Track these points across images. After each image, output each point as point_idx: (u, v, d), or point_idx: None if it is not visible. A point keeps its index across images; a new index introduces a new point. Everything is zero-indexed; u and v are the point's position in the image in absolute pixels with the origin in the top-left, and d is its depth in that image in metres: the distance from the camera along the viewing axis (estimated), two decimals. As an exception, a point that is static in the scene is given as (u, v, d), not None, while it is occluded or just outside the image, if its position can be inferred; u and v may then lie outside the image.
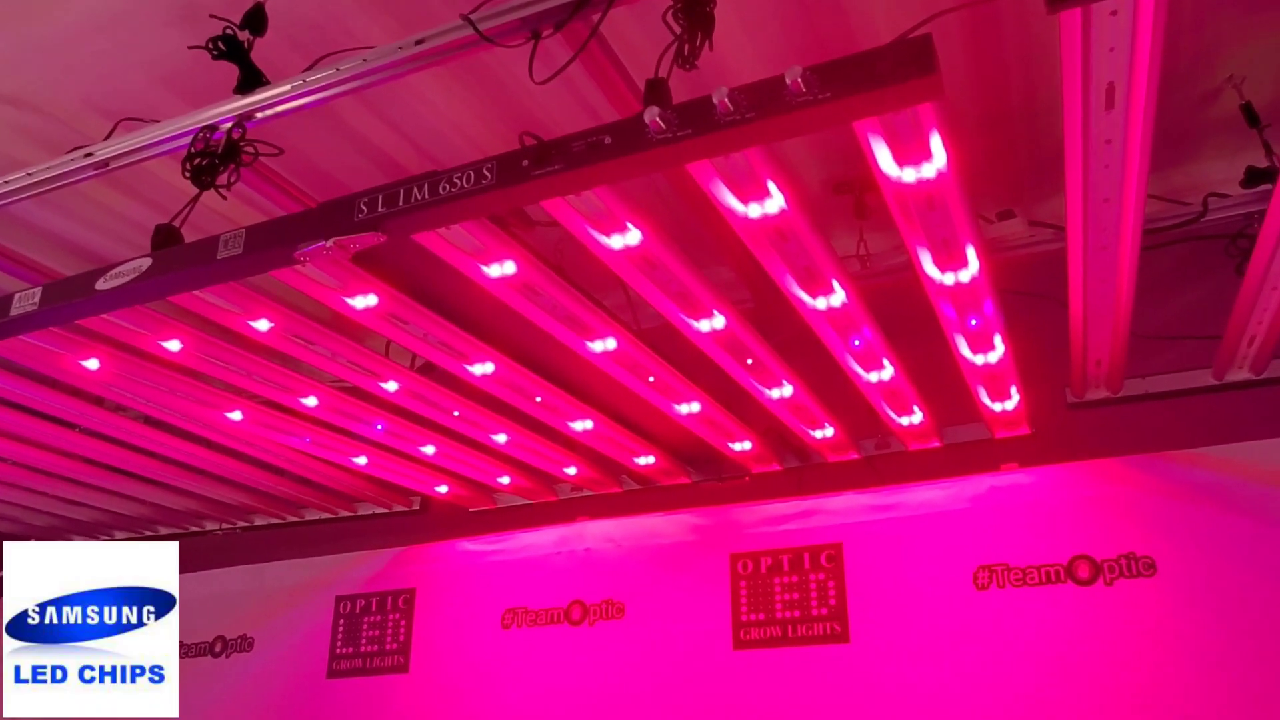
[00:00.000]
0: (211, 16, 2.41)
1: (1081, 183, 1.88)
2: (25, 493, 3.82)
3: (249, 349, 2.36)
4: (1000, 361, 2.52)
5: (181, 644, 3.97)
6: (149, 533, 4.48)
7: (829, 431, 3.07)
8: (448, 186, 1.64)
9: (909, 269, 2.22)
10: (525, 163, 1.59)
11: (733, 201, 1.72)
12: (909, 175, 1.64)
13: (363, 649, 3.69)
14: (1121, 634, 2.70)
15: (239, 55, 2.41)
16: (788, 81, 1.39)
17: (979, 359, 2.50)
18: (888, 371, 2.57)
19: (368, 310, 2.10)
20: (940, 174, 1.63)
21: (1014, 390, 2.78)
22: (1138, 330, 2.72)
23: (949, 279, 2.02)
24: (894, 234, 3.06)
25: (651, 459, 3.31)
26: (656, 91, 1.65)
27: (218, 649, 3.97)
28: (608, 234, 1.84)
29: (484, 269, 1.96)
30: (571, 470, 3.43)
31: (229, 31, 2.40)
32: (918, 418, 2.96)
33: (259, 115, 2.37)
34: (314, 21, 2.61)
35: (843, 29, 2.49)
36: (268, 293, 2.19)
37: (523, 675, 3.39)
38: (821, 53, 1.63)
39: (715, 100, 1.44)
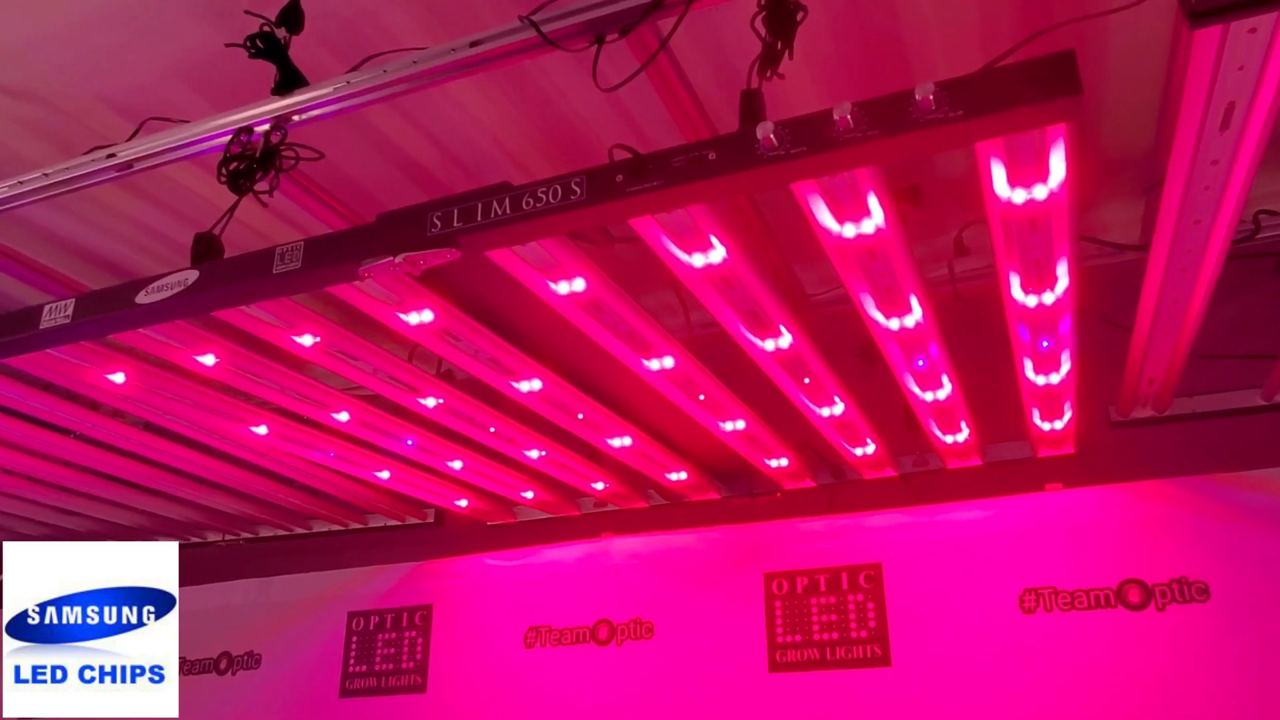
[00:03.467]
0: (246, 13, 2.29)
1: (1179, 202, 1.81)
2: (19, 501, 3.66)
3: (286, 363, 2.24)
4: (1062, 382, 2.45)
5: (184, 660, 3.87)
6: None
7: (870, 448, 2.99)
8: (531, 201, 1.54)
9: (988, 279, 2.12)
10: (619, 178, 1.49)
11: (829, 221, 1.63)
12: (1019, 196, 1.56)
13: (377, 667, 3.56)
14: (1174, 661, 2.64)
15: (277, 54, 2.28)
16: (917, 98, 1.30)
17: (1040, 379, 2.43)
18: (945, 390, 2.50)
19: (421, 326, 1.98)
20: (1051, 194, 1.55)
21: (1067, 409, 2.72)
22: (1192, 350, 2.68)
23: (1032, 301, 1.94)
24: (933, 242, 3.05)
25: (684, 474, 3.21)
26: (753, 104, 1.56)
27: (223, 666, 3.83)
28: (690, 251, 1.75)
29: (552, 285, 1.85)
30: (600, 485, 3.33)
31: (266, 29, 2.28)
32: (964, 435, 2.89)
33: (296, 118, 2.25)
34: (345, 18, 2.49)
35: (901, 65, 2.40)
36: (312, 306, 2.08)
37: (547, 696, 3.28)
38: (875, 88, 1.55)
39: (836, 116, 1.35)
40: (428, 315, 1.94)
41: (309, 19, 2.31)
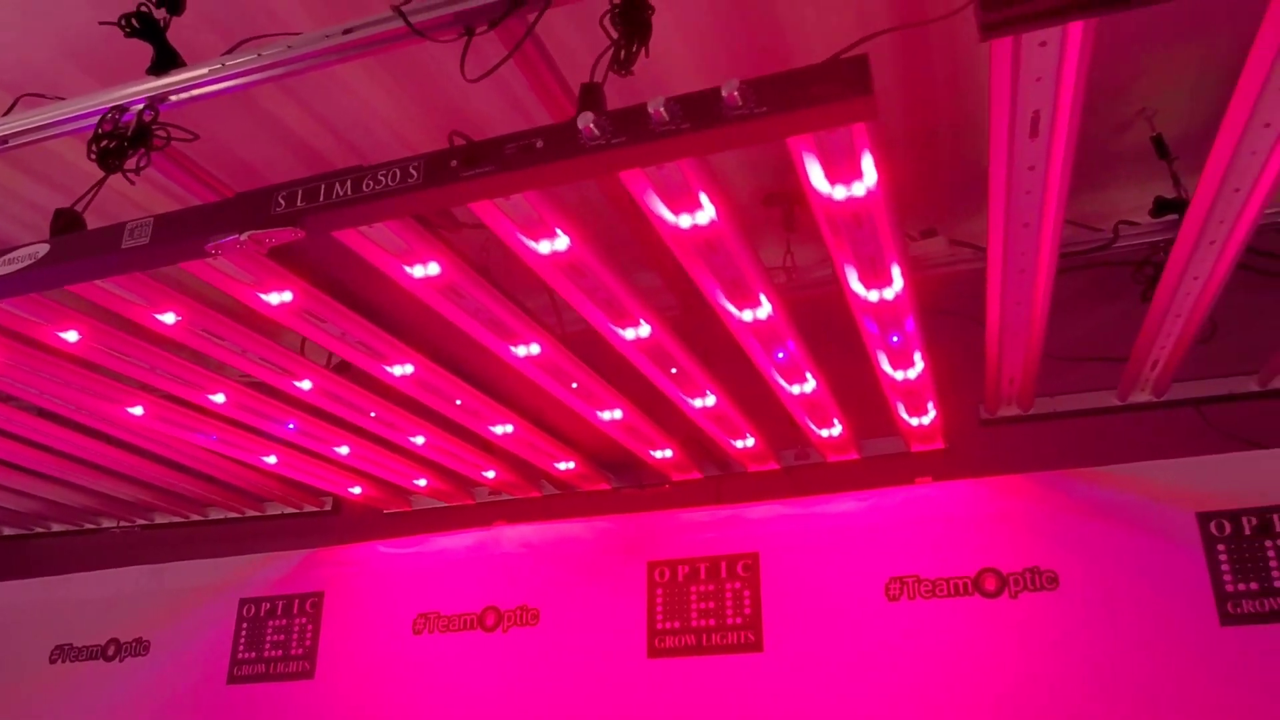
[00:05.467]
0: (123, -9, 2.30)
1: (1004, 206, 1.93)
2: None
3: (154, 342, 2.25)
4: (919, 378, 2.57)
5: (71, 646, 3.84)
6: (40, 529, 4.26)
7: (750, 441, 3.08)
8: (372, 184, 1.59)
9: (834, 282, 2.24)
10: (454, 163, 1.54)
11: (664, 211, 1.71)
12: (839, 193, 1.65)
13: (266, 654, 3.56)
14: (1024, 644, 2.77)
15: (154, 34, 2.30)
16: (724, 94, 1.38)
17: (899, 375, 2.54)
18: (810, 384, 2.60)
19: (283, 306, 2.02)
20: (870, 192, 1.65)
21: (930, 406, 2.84)
22: (1048, 351, 2.82)
23: (873, 296, 2.05)
24: (820, 247, 3.16)
25: (571, 464, 3.28)
26: (591, 97, 1.63)
27: (110, 652, 3.78)
28: (536, 239, 1.81)
29: (407, 269, 1.90)
30: (490, 474, 3.38)
31: (144, 9, 2.29)
32: (837, 430, 3.00)
33: (173, 98, 2.27)
34: (236, 2, 2.52)
35: (781, 44, 2.51)
36: (177, 284, 2.10)
37: (434, 682, 3.31)
38: (760, 67, 1.64)
39: (650, 110, 1.42)
40: (288, 296, 1.97)
41: (201, 2, 2.34)
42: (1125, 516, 2.83)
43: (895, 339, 2.30)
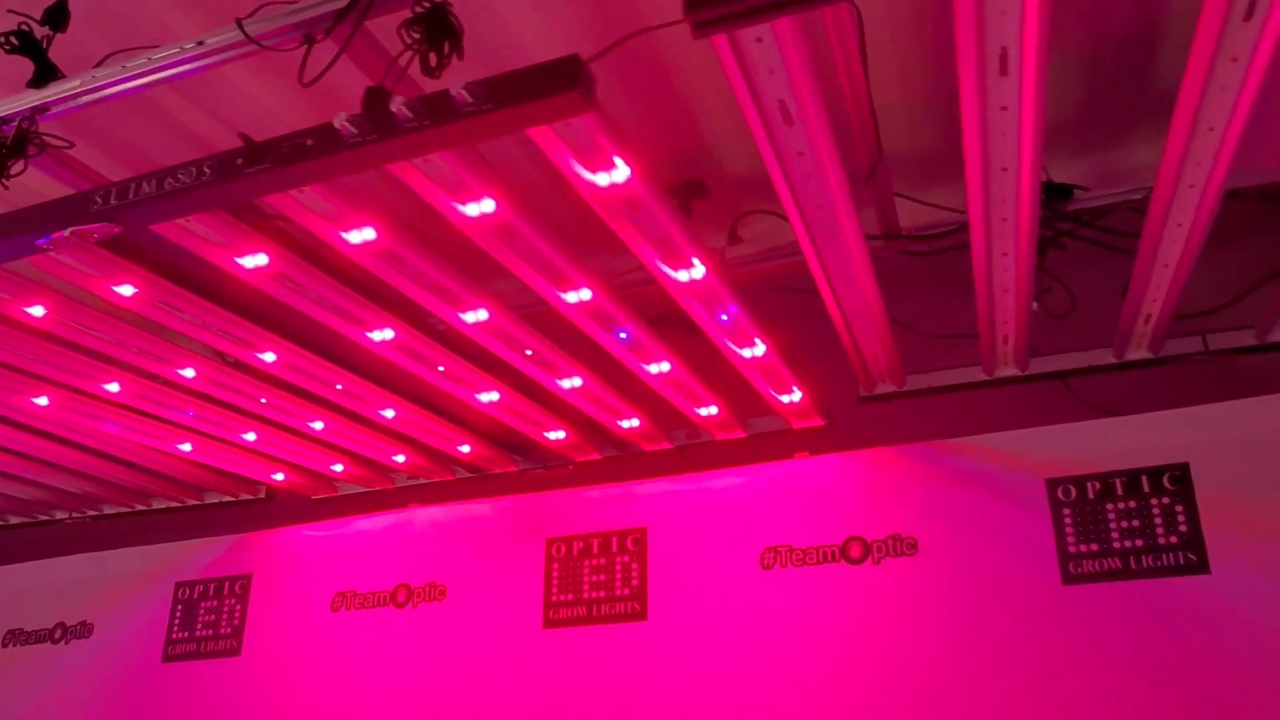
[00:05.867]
0: (10, 11, 2.49)
1: (792, 199, 2.07)
2: None
3: (34, 335, 2.44)
4: (767, 356, 2.71)
5: (21, 631, 4.06)
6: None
7: (635, 422, 3.24)
8: (172, 182, 1.76)
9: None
10: (239, 161, 1.72)
11: (452, 204, 1.87)
12: (602, 179, 1.80)
13: (198, 633, 3.76)
14: (888, 607, 2.91)
15: (34, 51, 2.49)
16: (453, 94, 1.54)
17: (745, 353, 2.69)
18: (665, 365, 2.75)
19: (135, 298, 2.20)
20: (630, 180, 1.80)
21: (794, 386, 2.98)
22: (922, 329, 2.97)
23: (683, 276, 2.20)
24: (713, 236, 3.32)
25: (468, 448, 3.45)
26: (373, 99, 1.79)
27: (58, 635, 4.00)
28: (346, 230, 1.98)
29: (238, 260, 2.08)
30: (400, 458, 3.56)
31: (24, 27, 2.48)
32: (714, 410, 3.15)
33: (54, 109, 2.46)
34: (127, 14, 2.71)
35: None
36: (41, 281, 2.28)
37: (350, 657, 3.50)
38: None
39: (395, 109, 1.59)
40: (129, 289, 2.15)
41: (95, 13, 2.53)
42: (981, 484, 2.97)
43: (725, 317, 2.45)
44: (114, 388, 2.74)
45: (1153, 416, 2.87)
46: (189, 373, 2.65)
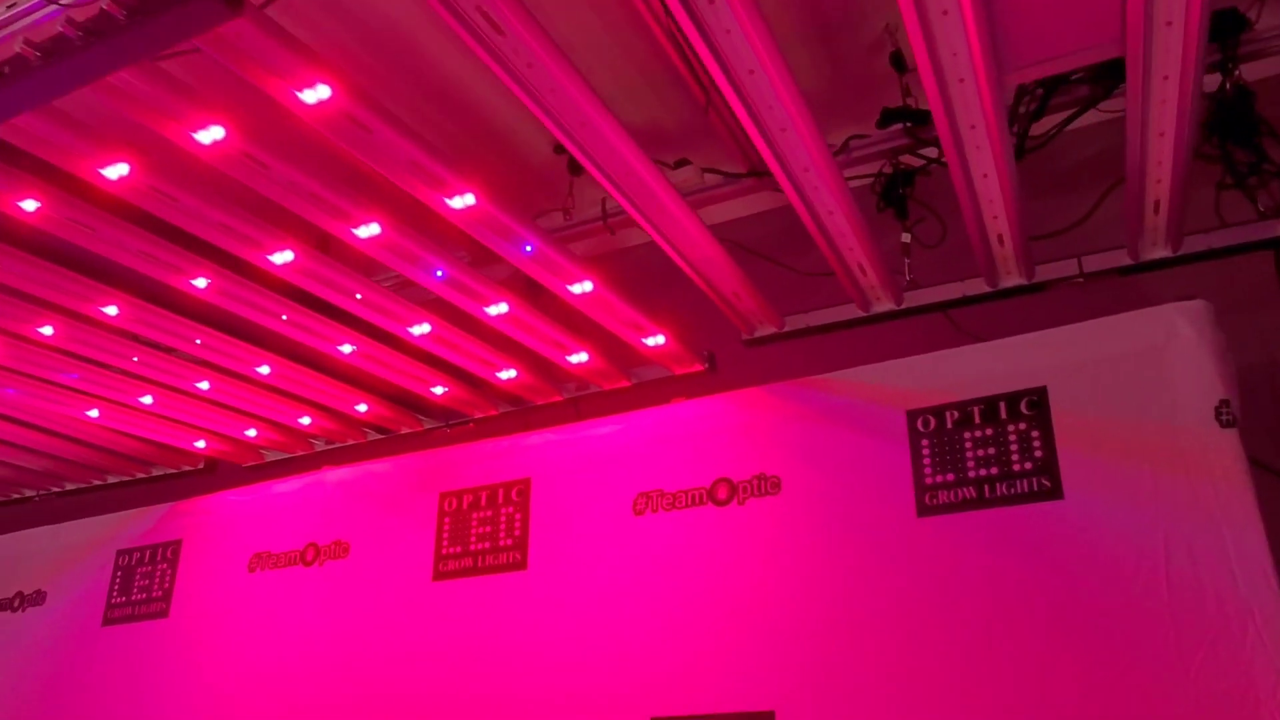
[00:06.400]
0: None
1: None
2: None
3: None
4: (599, 292, 2.70)
5: (-14, 601, 4.27)
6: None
7: (512, 373, 3.25)
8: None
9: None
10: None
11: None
12: (309, 97, 1.82)
13: (133, 597, 3.91)
14: (752, 547, 2.86)
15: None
16: (103, 7, 1.59)
17: (575, 289, 2.67)
18: (503, 306, 2.75)
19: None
20: (336, 93, 1.82)
21: (656, 331, 2.96)
22: (798, 268, 2.93)
23: (457, 203, 2.20)
24: (599, 190, 3.31)
25: (364, 406, 3.51)
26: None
27: (16, 604, 4.20)
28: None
29: (20, 205, 2.16)
30: (306, 420, 3.64)
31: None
32: (584, 356, 3.14)
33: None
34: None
35: None
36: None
37: (262, 616, 3.59)
38: None
39: (61, 29, 1.64)
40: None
41: None
42: (845, 420, 2.89)
43: (528, 248, 2.44)
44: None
45: (1015, 340, 2.76)
46: (46, 330, 2.76)
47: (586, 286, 2.64)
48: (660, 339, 3.01)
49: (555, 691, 2.96)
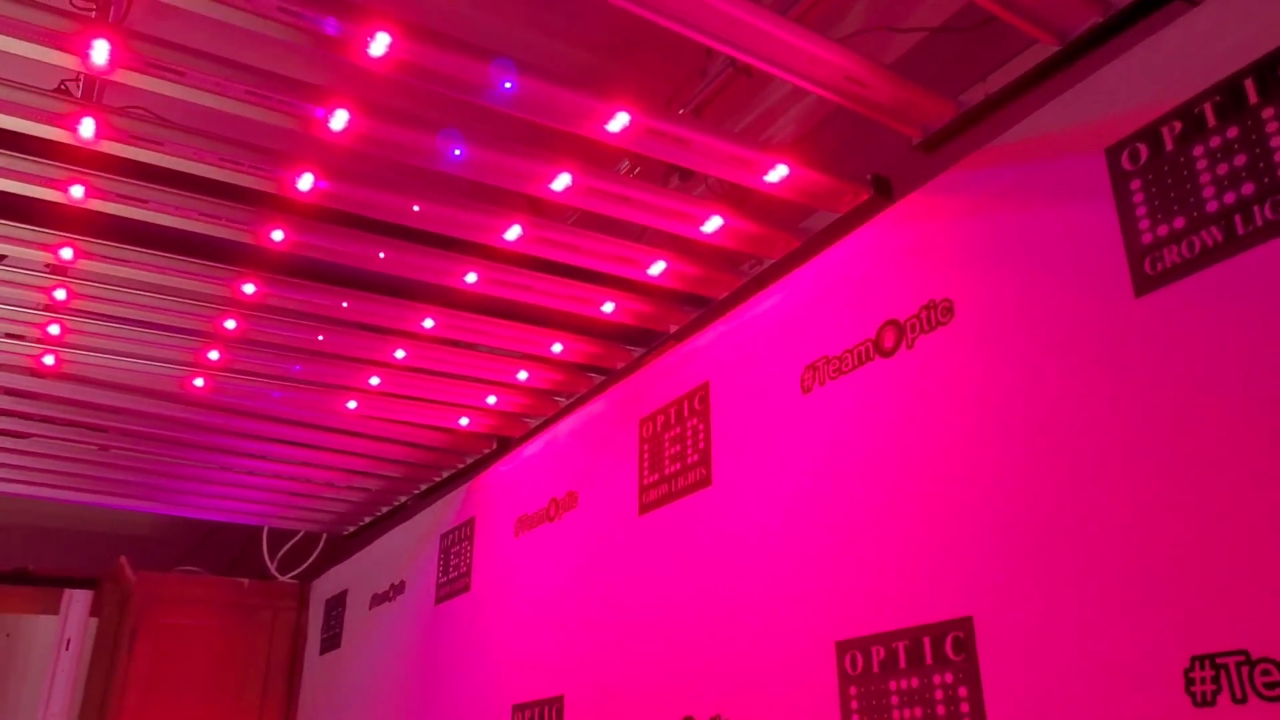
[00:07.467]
0: None
1: None
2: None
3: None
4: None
5: (375, 594, 4.84)
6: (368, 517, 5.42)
7: (662, 265, 2.81)
8: None
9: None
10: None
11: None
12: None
13: (450, 575, 4.12)
14: (926, 405, 2.09)
15: None
16: None
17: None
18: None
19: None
20: None
21: (775, 162, 2.33)
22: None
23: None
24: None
25: (559, 346, 3.30)
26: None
27: (390, 595, 4.69)
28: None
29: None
30: (523, 375, 3.54)
31: None
32: (719, 221, 2.60)
33: None
34: None
35: None
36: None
37: (526, 579, 3.53)
38: None
39: None
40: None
41: None
42: (1013, 195, 2.00)
43: (508, 86, 2.05)
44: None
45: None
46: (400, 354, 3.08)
47: (782, 171, 2.20)
48: (783, 169, 2.36)
49: (747, 620, 2.43)
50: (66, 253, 2.59)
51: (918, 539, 2.03)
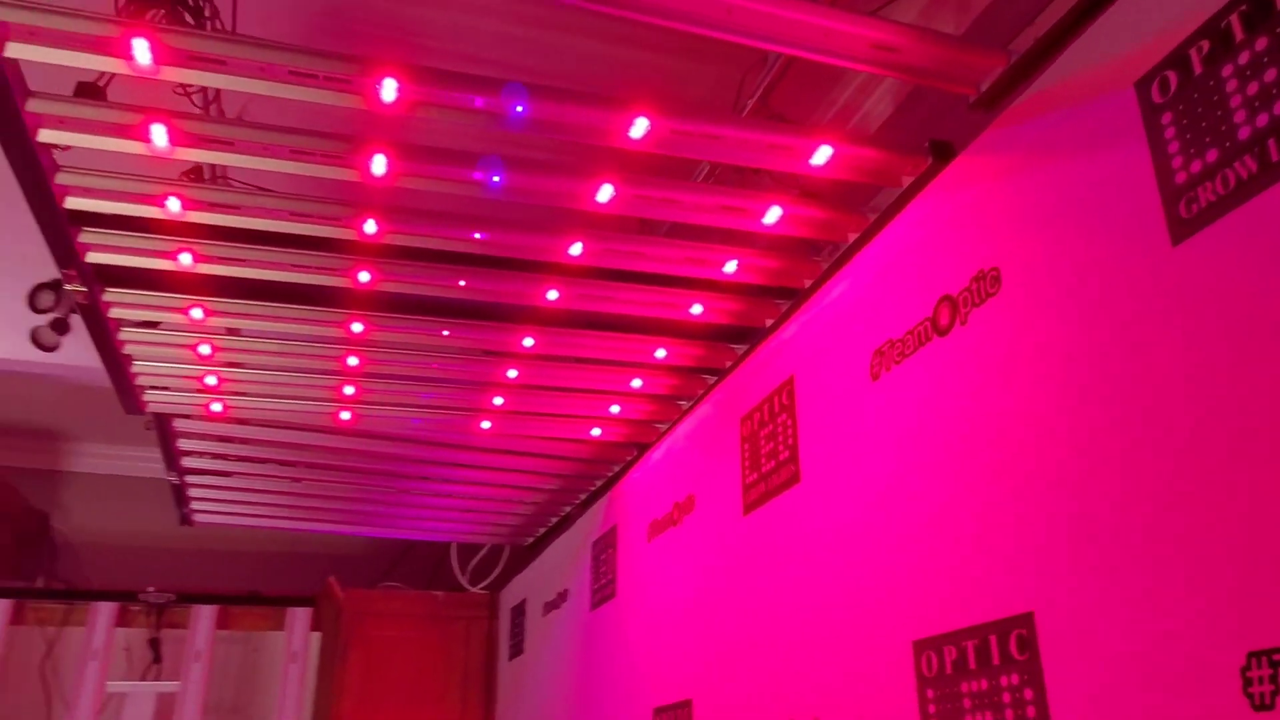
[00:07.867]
0: None
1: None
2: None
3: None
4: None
5: (545, 601, 5.04)
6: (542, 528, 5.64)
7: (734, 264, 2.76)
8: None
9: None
10: None
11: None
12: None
13: (599, 582, 4.23)
14: (982, 383, 1.94)
15: None
16: None
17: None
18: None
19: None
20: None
21: (817, 144, 2.25)
22: None
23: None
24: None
25: (664, 352, 3.31)
26: None
27: (559, 603, 4.86)
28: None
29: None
30: (637, 382, 3.58)
31: None
32: (778, 210, 2.52)
33: None
34: None
35: None
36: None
37: (660, 583, 3.56)
38: None
39: None
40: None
41: None
42: (1044, 141, 1.81)
43: (519, 109, 2.09)
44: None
45: None
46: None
47: (826, 152, 2.19)
48: (828, 150, 2.27)
49: (834, 621, 2.34)
50: (197, 313, 2.91)
51: (981, 529, 1.88)
